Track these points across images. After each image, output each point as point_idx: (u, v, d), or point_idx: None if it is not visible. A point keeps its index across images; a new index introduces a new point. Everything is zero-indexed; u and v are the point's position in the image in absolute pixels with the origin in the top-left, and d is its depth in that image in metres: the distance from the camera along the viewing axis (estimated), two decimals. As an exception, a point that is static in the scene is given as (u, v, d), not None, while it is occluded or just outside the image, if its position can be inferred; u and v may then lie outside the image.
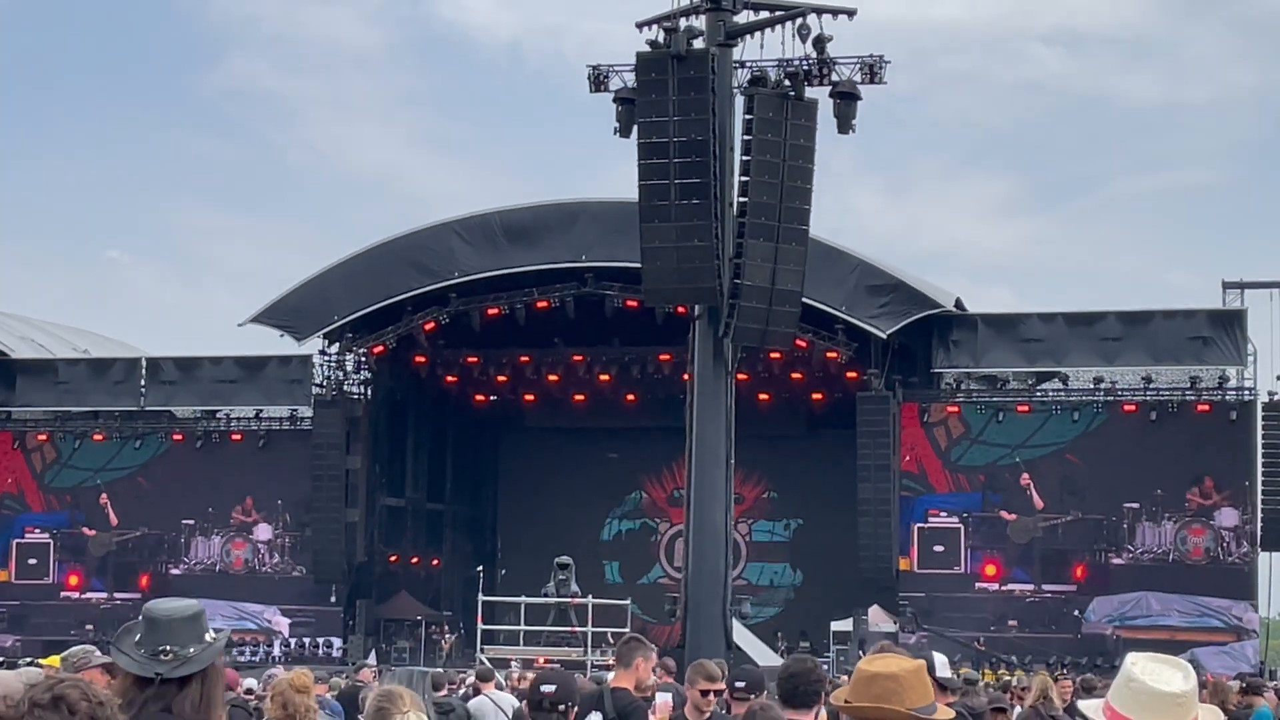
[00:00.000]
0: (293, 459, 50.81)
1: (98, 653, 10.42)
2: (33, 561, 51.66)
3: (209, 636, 5.00)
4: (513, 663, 31.27)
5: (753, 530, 54.59)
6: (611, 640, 37.13)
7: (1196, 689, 4.48)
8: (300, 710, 9.93)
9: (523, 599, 41.75)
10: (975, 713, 12.50)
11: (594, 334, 49.35)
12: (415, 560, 53.72)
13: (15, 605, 51.39)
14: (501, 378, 52.86)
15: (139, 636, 4.96)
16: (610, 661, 13.73)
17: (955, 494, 47.02)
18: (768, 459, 50.91)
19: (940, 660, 10.09)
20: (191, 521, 51.33)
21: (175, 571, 50.86)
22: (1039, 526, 45.65)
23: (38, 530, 52.35)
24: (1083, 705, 4.69)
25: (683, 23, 31.70)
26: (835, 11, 32.35)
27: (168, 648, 4.89)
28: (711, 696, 10.24)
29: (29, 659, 35.09)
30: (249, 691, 16.83)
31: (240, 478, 51.05)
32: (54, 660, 13.21)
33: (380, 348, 50.48)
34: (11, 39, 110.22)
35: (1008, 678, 22.13)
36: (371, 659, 41.13)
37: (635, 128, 32.22)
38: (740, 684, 9.78)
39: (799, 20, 32.35)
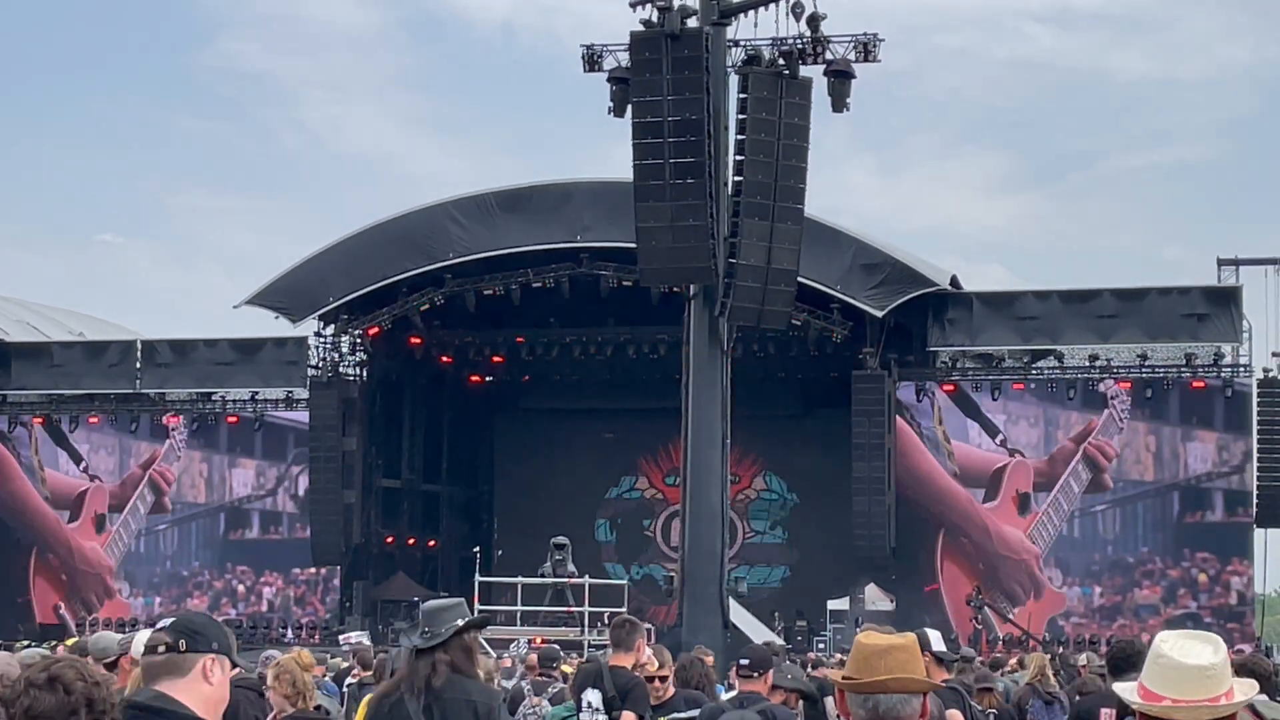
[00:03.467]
0: (288, 440, 51.33)
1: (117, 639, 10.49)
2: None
3: (459, 621, 7.47)
4: (522, 641, 31.24)
5: (750, 509, 54.73)
6: (608, 620, 37.13)
7: (1227, 662, 4.50)
8: (308, 689, 9.98)
9: (519, 579, 41.78)
10: (970, 690, 12.55)
11: (589, 314, 49.36)
12: (412, 541, 53.80)
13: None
14: (497, 358, 52.91)
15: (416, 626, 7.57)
16: (606, 641, 13.82)
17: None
18: (763, 438, 50.97)
19: (934, 635, 10.15)
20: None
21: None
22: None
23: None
24: (1118, 687, 4.71)
25: (676, 2, 31.64)
26: (829, -11, 32.29)
27: (429, 630, 7.42)
28: (657, 682, 10.52)
29: (29, 642, 35.10)
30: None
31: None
32: (73, 643, 13.27)
33: (375, 329, 50.51)
34: (3, 23, 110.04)
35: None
36: (365, 638, 41.05)
37: (630, 107, 32.20)
38: (744, 661, 9.83)
39: (792, -1, 32.29)
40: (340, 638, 41.96)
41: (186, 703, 4.82)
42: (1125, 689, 4.60)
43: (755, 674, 9.70)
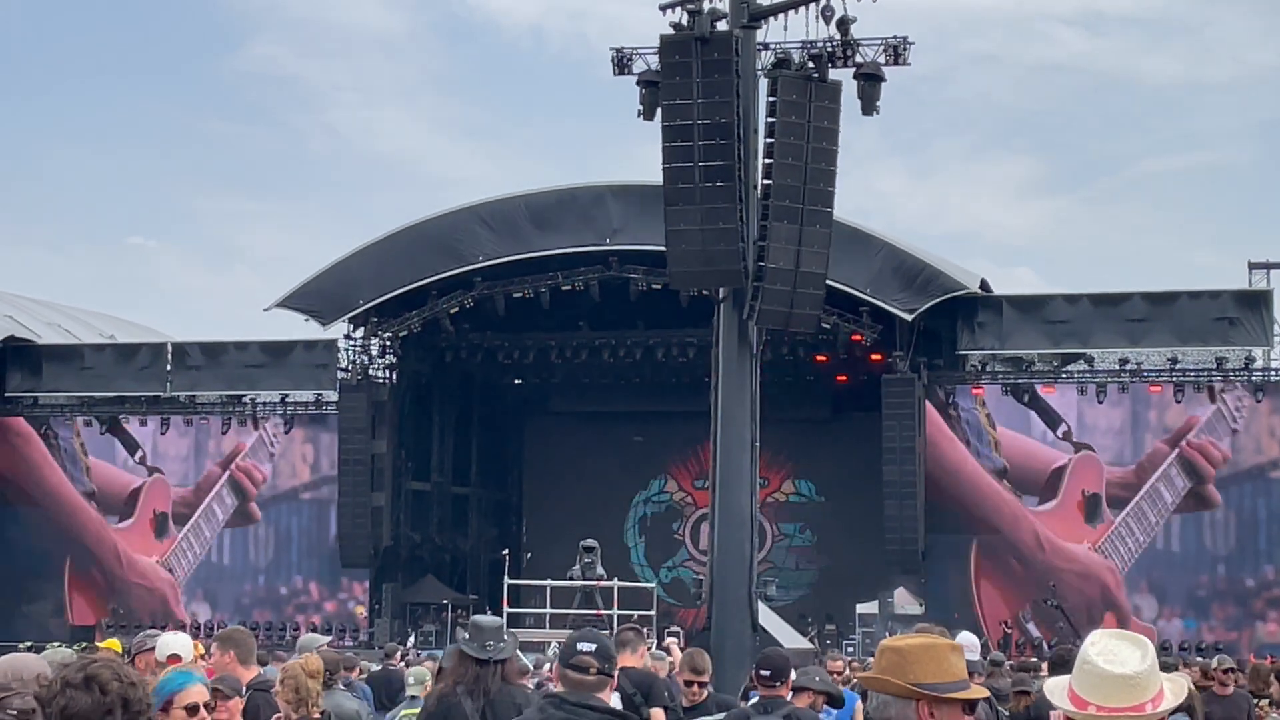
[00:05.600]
0: (318, 443, 51.39)
1: (160, 636, 10.67)
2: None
3: (506, 638, 8.84)
4: (554, 644, 31.12)
5: (777, 515, 54.65)
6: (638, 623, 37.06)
7: (1155, 666, 4.44)
8: (313, 695, 10.06)
9: (548, 582, 41.78)
10: (999, 694, 12.52)
11: (618, 317, 49.34)
12: (441, 544, 53.81)
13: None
14: (526, 361, 52.90)
15: (469, 636, 8.83)
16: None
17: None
18: (793, 442, 50.88)
19: (971, 641, 10.10)
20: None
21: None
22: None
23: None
24: (1048, 685, 4.66)
25: (706, 5, 31.51)
26: (859, -7, 32.18)
27: (489, 644, 8.70)
28: (695, 687, 10.59)
29: (59, 643, 35.20)
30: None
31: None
32: (114, 644, 13.35)
33: (405, 332, 50.56)
34: (33, 25, 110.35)
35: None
36: (409, 643, 41.20)
37: (659, 110, 32.09)
38: (765, 672, 9.71)
39: (822, 2, 32.20)
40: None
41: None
42: (1055, 689, 4.57)
43: (777, 683, 9.68)
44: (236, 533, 52.43)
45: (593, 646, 6.41)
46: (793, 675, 9.88)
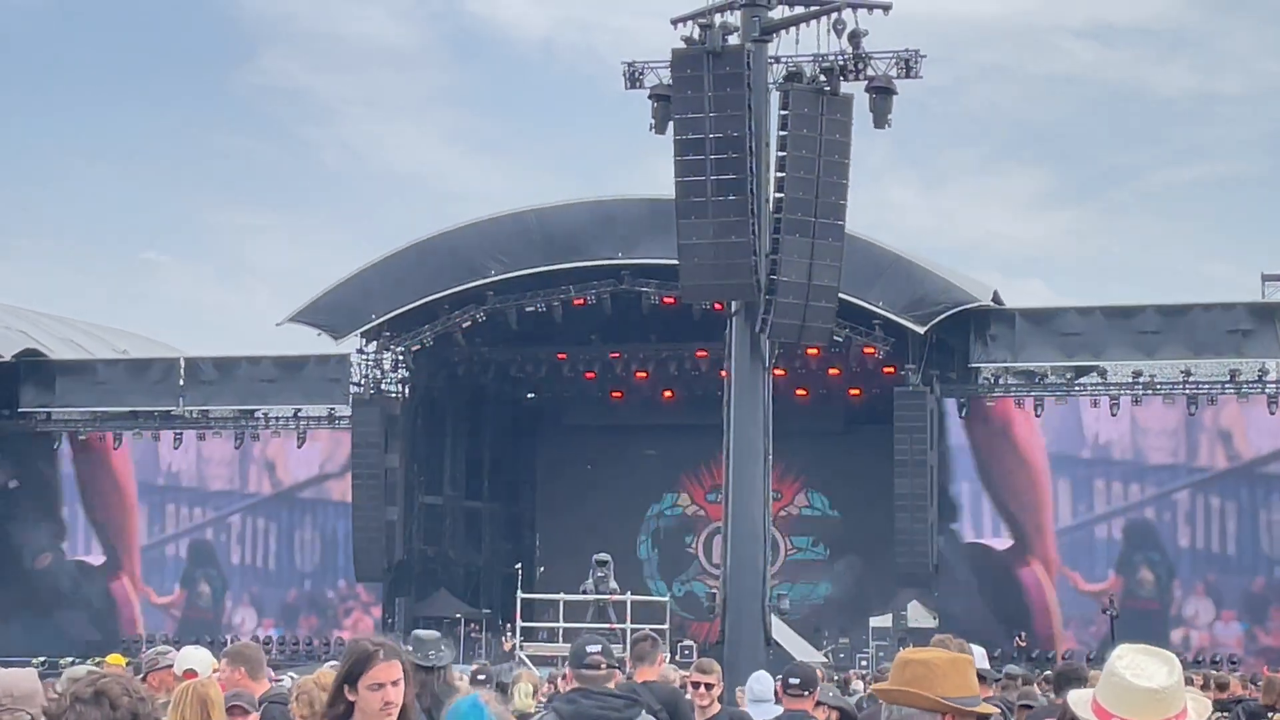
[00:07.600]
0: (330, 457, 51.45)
1: (172, 652, 10.69)
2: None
3: (444, 649, 9.28)
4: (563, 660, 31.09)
5: (792, 528, 54.60)
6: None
7: (1181, 682, 4.43)
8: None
9: (561, 596, 41.75)
10: (1008, 705, 12.49)
11: (631, 331, 49.36)
12: (454, 558, 53.80)
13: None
14: (539, 375, 52.91)
15: (411, 648, 8.92)
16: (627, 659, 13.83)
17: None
18: (806, 455, 50.83)
19: (979, 652, 10.09)
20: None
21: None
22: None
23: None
24: (1071, 697, 4.65)
25: (718, 19, 31.57)
26: (870, 6, 32.20)
27: (431, 653, 9.06)
28: (703, 689, 10.49)
29: (73, 659, 35.29)
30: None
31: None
32: (118, 659, 13.36)
33: (418, 346, 50.59)
34: (43, 39, 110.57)
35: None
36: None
37: (671, 124, 32.12)
38: (794, 681, 9.72)
39: (834, 15, 32.21)
40: None
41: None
42: (1079, 701, 4.56)
43: (805, 693, 9.65)
44: (282, 538, 52.75)
45: (598, 647, 7.63)
46: (819, 689, 9.88)
